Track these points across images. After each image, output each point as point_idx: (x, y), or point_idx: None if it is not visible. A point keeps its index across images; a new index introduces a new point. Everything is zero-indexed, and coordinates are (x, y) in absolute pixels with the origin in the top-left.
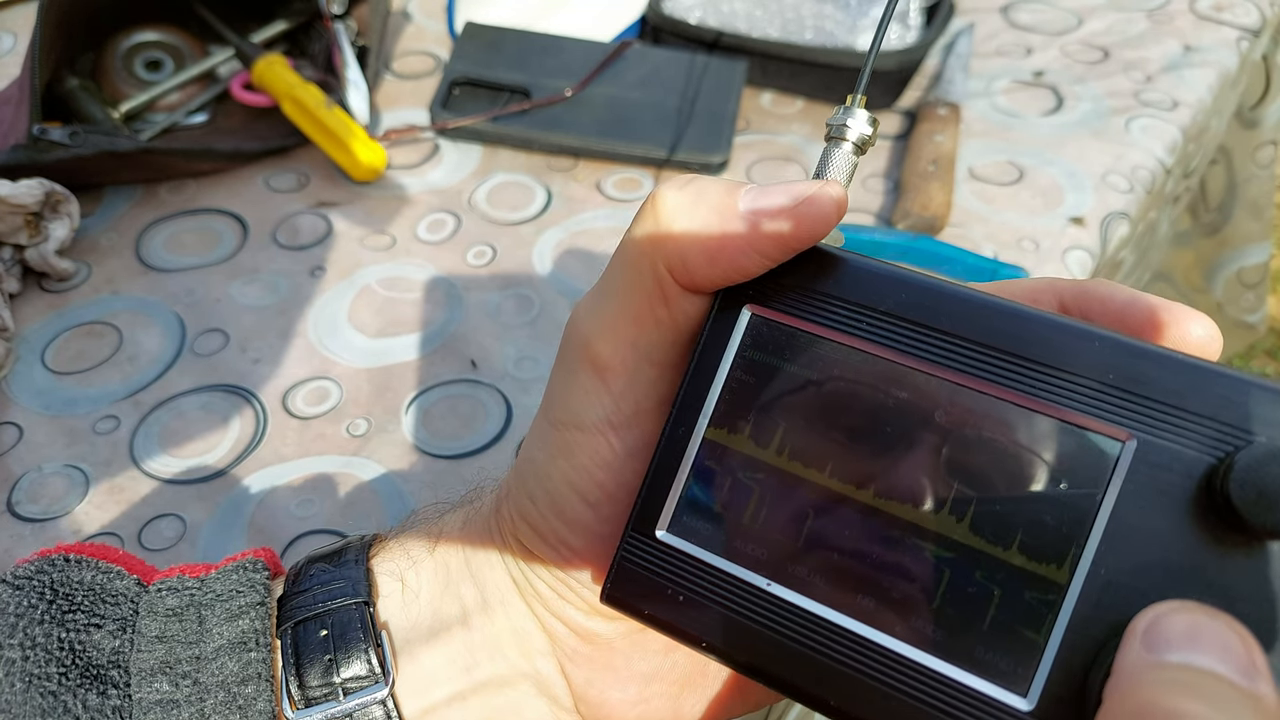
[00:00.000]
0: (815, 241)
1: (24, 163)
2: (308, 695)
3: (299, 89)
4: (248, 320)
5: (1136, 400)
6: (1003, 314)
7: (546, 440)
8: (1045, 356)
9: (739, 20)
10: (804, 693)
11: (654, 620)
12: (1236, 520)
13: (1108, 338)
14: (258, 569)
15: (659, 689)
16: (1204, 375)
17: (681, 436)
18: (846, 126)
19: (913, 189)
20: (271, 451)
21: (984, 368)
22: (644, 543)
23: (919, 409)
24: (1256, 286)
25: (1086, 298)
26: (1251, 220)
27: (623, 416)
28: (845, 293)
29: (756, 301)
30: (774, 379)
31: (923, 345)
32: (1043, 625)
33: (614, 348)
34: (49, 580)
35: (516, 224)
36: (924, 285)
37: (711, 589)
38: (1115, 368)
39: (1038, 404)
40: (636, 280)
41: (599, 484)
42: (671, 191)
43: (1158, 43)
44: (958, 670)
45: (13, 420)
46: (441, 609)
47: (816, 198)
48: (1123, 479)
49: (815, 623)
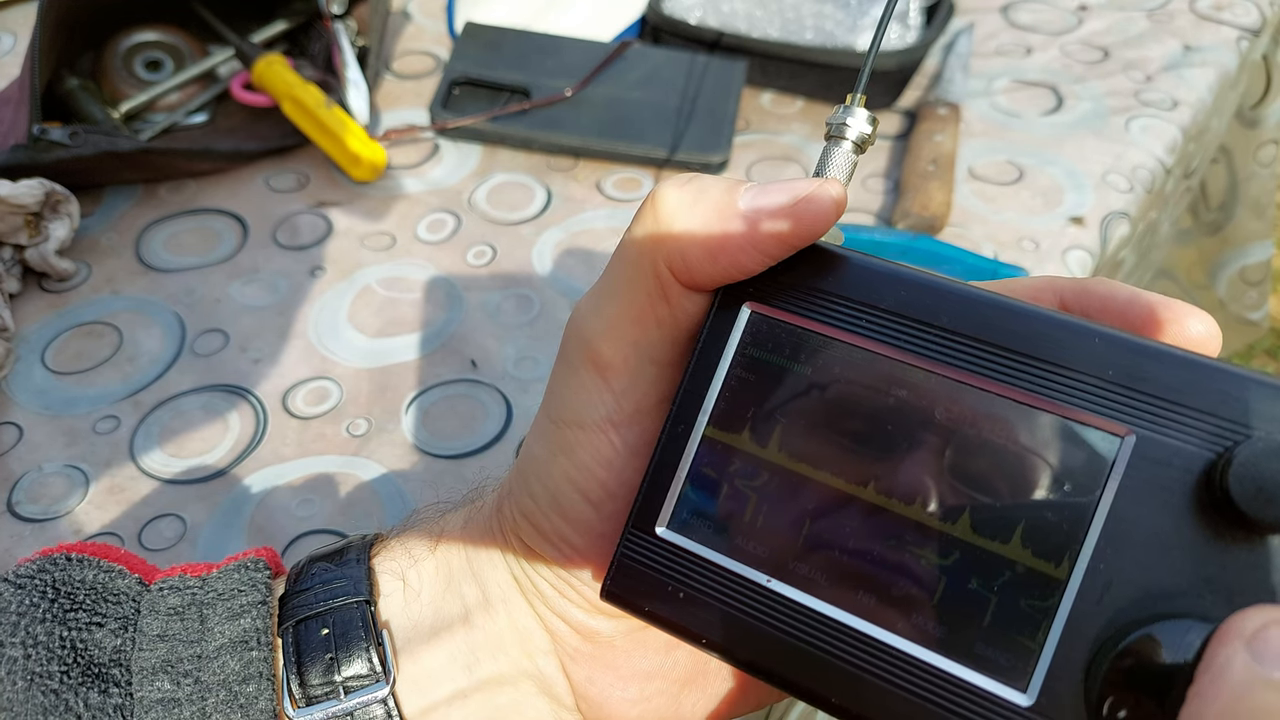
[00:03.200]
0: (815, 239)
1: (24, 163)
2: (309, 694)
3: (299, 89)
4: (248, 320)
5: (1136, 396)
6: (1003, 311)
7: (548, 438)
8: (1045, 353)
9: (739, 20)
10: (804, 689)
11: (654, 617)
12: (1236, 515)
13: (1107, 334)
14: (259, 568)
15: (660, 687)
16: (1203, 371)
17: (681, 434)
18: (846, 125)
19: (913, 189)
20: (271, 451)
21: (984, 364)
22: (644, 539)
23: (919, 406)
24: (1259, 284)
25: (1087, 296)
26: (1254, 219)
27: (624, 414)
28: (845, 290)
29: (756, 299)
30: (774, 376)
31: (923, 342)
32: (1042, 622)
33: (615, 346)
34: (51, 579)
35: (516, 224)
36: (924, 283)
37: (711, 586)
38: (1115, 364)
39: (1037, 400)
40: (637, 278)
41: (600, 482)
42: (672, 190)
43: (1158, 42)
44: (958, 666)
45: (13, 420)
46: (443, 607)
47: (816, 195)
48: (1121, 475)
49: (815, 619)
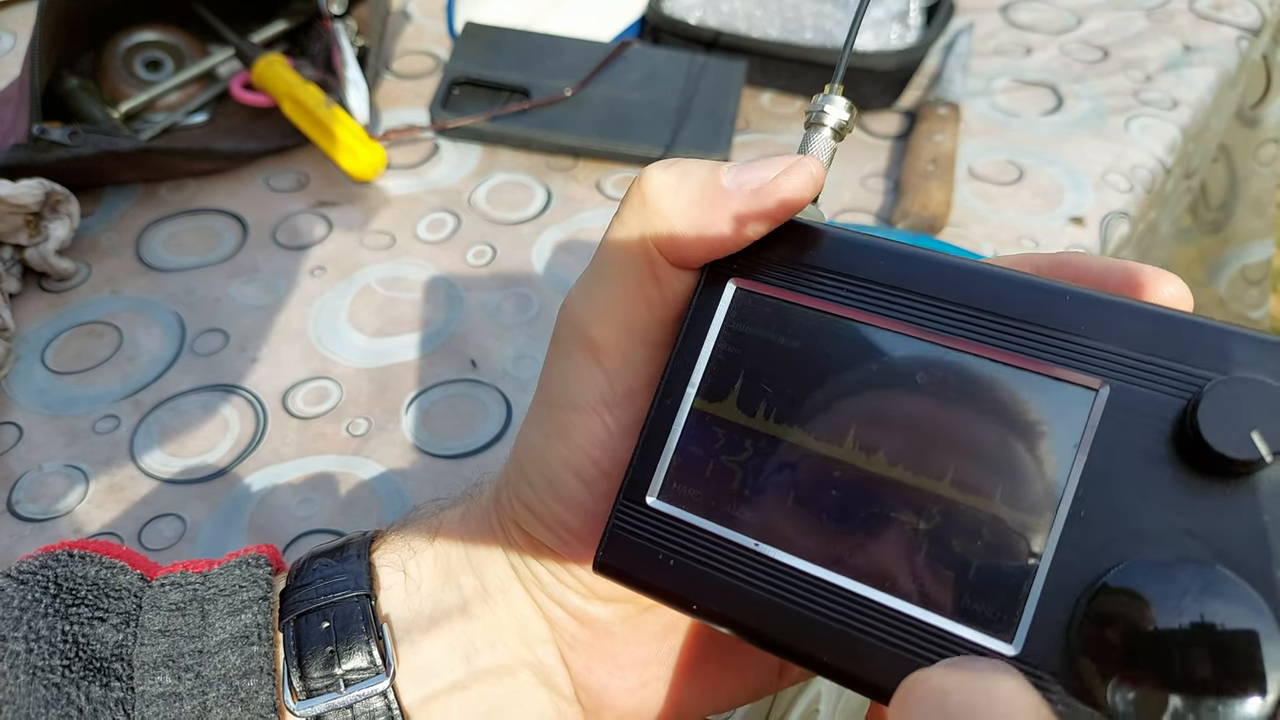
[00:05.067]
0: (795, 213)
1: (24, 163)
2: (309, 686)
3: (299, 89)
4: (247, 320)
5: (1107, 350)
6: (977, 276)
7: (543, 424)
8: (1019, 313)
9: (739, 20)
10: (795, 650)
11: (645, 585)
12: (1210, 456)
13: (1078, 292)
14: (260, 564)
15: (658, 674)
16: (1172, 323)
17: (670, 406)
18: (824, 112)
19: (912, 188)
20: (271, 451)
21: (960, 326)
22: (635, 510)
23: (900, 370)
24: (1260, 283)
25: (1062, 267)
26: (1254, 218)
27: (617, 396)
28: (825, 263)
29: (741, 275)
30: (759, 349)
31: (901, 308)
32: (1026, 574)
33: (608, 328)
34: (53, 575)
35: (516, 224)
36: (900, 252)
37: (701, 552)
38: (1086, 320)
39: (1013, 358)
40: (627, 261)
41: (595, 462)
42: (657, 172)
43: (1157, 42)
44: (946, 620)
45: (13, 420)
46: (442, 598)
47: (794, 169)
48: (1097, 426)
49: (804, 581)
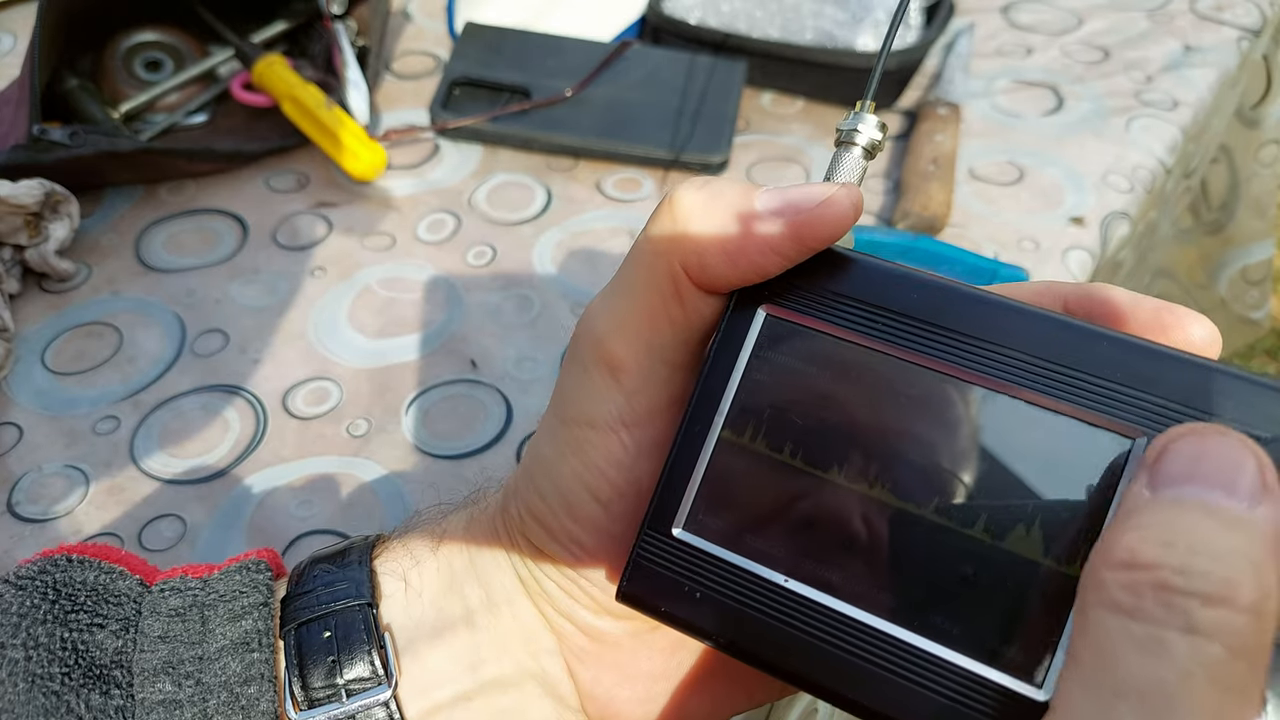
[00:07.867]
0: (832, 242)
1: (24, 163)
2: (311, 696)
3: (299, 89)
4: (247, 321)
5: (1144, 399)
6: (1013, 314)
7: (557, 438)
8: (1055, 355)
9: (739, 20)
10: (823, 688)
11: (670, 618)
12: None
13: (1115, 338)
14: (260, 570)
15: (665, 688)
16: (1210, 375)
17: (697, 435)
18: (857, 131)
19: (913, 189)
20: (271, 452)
21: (997, 367)
22: (660, 540)
23: (934, 409)
24: (1260, 284)
25: (1090, 300)
26: (1255, 218)
27: (635, 415)
28: (859, 293)
29: (771, 302)
30: (788, 379)
31: (937, 345)
32: (1058, 620)
33: (628, 346)
34: (52, 580)
35: (516, 224)
36: (937, 286)
37: (728, 586)
38: (1123, 367)
39: (1049, 402)
40: (651, 280)
41: (610, 482)
42: (689, 192)
43: (1158, 42)
44: (976, 664)
45: (13, 420)
46: (445, 608)
47: (835, 199)
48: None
49: (834, 618)
